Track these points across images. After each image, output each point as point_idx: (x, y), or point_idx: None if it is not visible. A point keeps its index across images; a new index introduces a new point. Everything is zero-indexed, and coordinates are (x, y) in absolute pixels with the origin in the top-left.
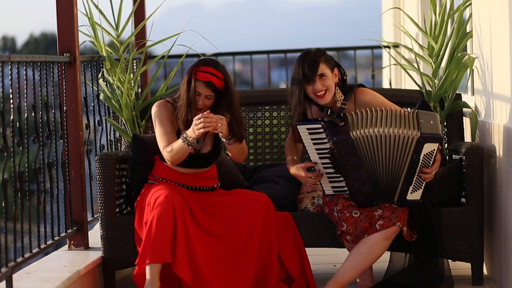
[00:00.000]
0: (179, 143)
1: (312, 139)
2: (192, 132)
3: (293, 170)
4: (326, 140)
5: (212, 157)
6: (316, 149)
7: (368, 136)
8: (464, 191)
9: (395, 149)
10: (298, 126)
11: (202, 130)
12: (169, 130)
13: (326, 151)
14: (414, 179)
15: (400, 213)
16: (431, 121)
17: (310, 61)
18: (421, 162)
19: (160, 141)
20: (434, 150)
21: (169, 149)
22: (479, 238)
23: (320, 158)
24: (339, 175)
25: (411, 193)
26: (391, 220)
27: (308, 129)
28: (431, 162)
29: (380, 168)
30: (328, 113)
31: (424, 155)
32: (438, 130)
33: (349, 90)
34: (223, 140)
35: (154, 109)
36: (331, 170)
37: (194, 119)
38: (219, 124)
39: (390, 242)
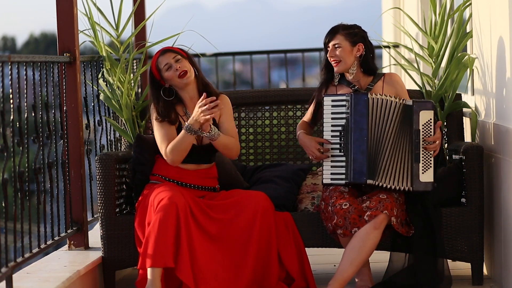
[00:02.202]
0: (180, 135)
1: (332, 113)
2: (194, 120)
3: (306, 138)
4: (344, 116)
5: (214, 147)
6: (332, 125)
7: (382, 100)
8: (464, 191)
9: (396, 119)
10: (324, 98)
11: (208, 117)
12: (169, 131)
13: (339, 127)
14: (421, 153)
15: (387, 203)
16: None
17: (331, 30)
18: (422, 133)
19: (161, 144)
20: (431, 119)
21: (171, 147)
22: (479, 238)
23: (332, 136)
24: (342, 155)
25: (423, 173)
26: (378, 209)
27: (333, 100)
28: (432, 132)
29: (384, 143)
30: (355, 88)
31: (423, 125)
32: (429, 99)
33: (378, 75)
34: (204, 135)
35: (152, 112)
36: (337, 152)
37: (199, 106)
38: (215, 110)
39: (381, 232)
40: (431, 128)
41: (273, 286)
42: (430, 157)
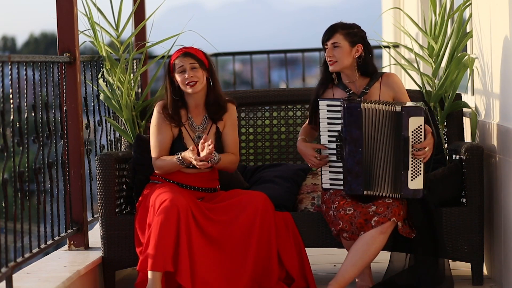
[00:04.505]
0: (172, 161)
1: (328, 118)
2: (188, 159)
3: (302, 146)
4: (339, 121)
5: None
6: (328, 131)
7: (375, 109)
8: (464, 191)
9: (387, 126)
10: (320, 102)
11: (203, 167)
12: (164, 140)
13: (335, 133)
14: (410, 161)
15: (394, 208)
16: (414, 102)
17: (329, 28)
18: (412, 139)
19: (153, 151)
20: (421, 125)
21: (160, 163)
22: (479, 238)
23: (329, 142)
24: (339, 161)
25: (412, 179)
26: (386, 216)
27: (328, 105)
28: (422, 139)
29: (378, 152)
30: (350, 92)
31: (413, 131)
32: (420, 105)
33: (375, 76)
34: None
35: (154, 112)
36: (334, 158)
37: (198, 159)
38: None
39: (387, 237)
40: (421, 135)
41: (273, 286)
42: (420, 164)
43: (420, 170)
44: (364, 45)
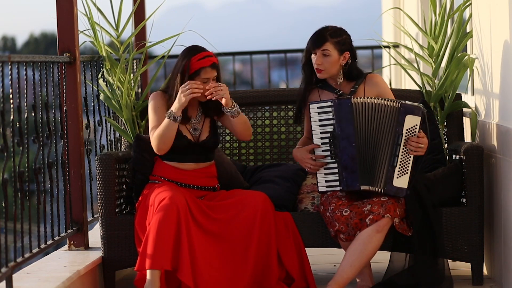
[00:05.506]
0: (165, 121)
1: (320, 120)
2: (177, 102)
3: (297, 153)
4: (331, 122)
5: (211, 144)
6: (321, 133)
7: (365, 103)
8: (464, 191)
9: (382, 121)
10: (310, 105)
11: (190, 96)
12: (161, 118)
13: (328, 134)
14: (399, 157)
15: (389, 205)
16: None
17: (319, 34)
18: (405, 136)
19: (150, 130)
20: (416, 125)
21: (155, 134)
22: (479, 238)
23: (323, 144)
24: (334, 161)
25: (397, 177)
26: (380, 214)
27: (318, 107)
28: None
29: (370, 143)
30: (340, 92)
31: (407, 129)
32: (419, 105)
33: (360, 77)
34: (227, 111)
35: (150, 100)
36: (328, 159)
37: (180, 87)
38: (220, 90)
39: (383, 235)
40: (414, 135)
41: (273, 286)
42: (408, 162)
43: (408, 169)
44: (351, 52)
